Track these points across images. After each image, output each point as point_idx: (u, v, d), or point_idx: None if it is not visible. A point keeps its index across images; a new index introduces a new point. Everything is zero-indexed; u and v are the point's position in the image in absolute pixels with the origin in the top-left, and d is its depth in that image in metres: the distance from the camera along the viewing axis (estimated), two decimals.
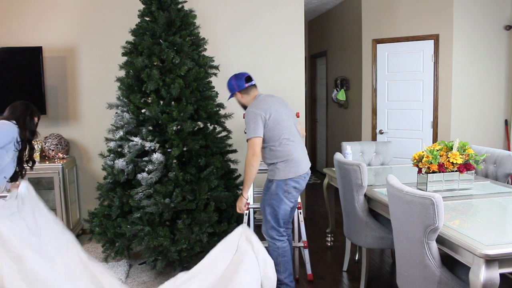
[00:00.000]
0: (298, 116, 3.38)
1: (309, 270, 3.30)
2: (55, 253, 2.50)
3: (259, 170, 2.98)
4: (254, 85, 2.97)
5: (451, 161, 2.77)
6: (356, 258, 3.62)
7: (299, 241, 3.35)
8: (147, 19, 3.42)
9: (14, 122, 2.75)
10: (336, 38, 6.26)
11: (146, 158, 3.25)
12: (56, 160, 4.02)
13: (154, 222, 3.19)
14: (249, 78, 2.94)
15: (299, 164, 2.82)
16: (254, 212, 3.39)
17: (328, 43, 6.63)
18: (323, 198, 3.86)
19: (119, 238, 3.25)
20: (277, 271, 2.83)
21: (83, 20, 4.20)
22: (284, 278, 2.88)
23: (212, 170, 3.33)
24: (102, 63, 4.20)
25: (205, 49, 3.62)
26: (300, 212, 3.32)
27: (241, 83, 2.91)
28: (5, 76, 3.96)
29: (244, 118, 2.92)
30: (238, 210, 2.93)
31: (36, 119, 2.89)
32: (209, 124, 3.57)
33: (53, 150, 4.04)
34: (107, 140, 3.51)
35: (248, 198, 2.94)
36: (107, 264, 3.37)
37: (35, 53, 3.96)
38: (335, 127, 6.45)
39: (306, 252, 3.31)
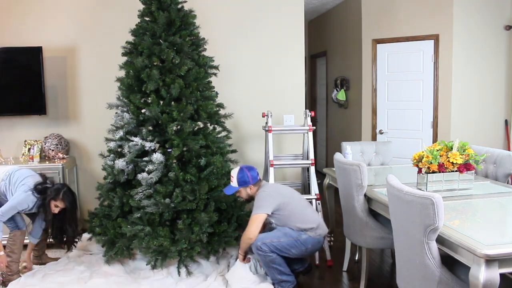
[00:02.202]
0: (313, 115, 3.81)
1: (328, 256, 3.50)
2: None
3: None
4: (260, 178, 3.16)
5: (451, 161, 2.77)
6: (356, 258, 3.62)
7: None
8: (147, 19, 3.42)
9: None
10: (336, 38, 6.26)
11: (146, 158, 3.25)
12: (56, 160, 4.01)
13: (154, 222, 3.19)
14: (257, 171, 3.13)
15: (325, 228, 3.09)
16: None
17: (328, 43, 6.63)
18: (323, 198, 3.86)
19: (119, 238, 3.25)
20: (272, 274, 2.97)
21: (83, 20, 4.20)
22: (281, 277, 2.96)
23: (212, 170, 3.33)
24: (102, 63, 4.20)
25: (205, 49, 3.62)
26: (319, 203, 3.55)
27: (255, 174, 3.07)
28: (5, 76, 3.96)
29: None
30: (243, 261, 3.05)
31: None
32: (209, 124, 3.57)
33: (53, 150, 4.04)
34: (107, 140, 3.51)
35: (247, 253, 3.09)
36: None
37: (35, 53, 3.96)
38: (335, 127, 6.45)
39: (325, 240, 3.47)
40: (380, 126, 5.21)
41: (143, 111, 3.30)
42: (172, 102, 3.34)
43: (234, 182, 3.07)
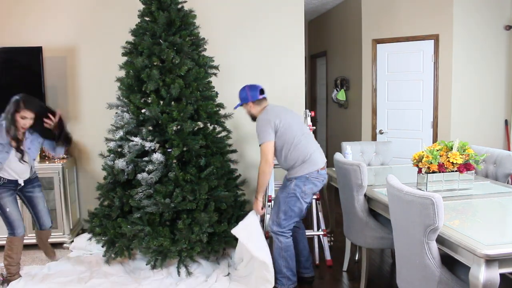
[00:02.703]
0: (313, 115, 3.78)
1: (328, 256, 3.52)
2: None
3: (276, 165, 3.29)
4: (265, 98, 3.12)
5: (451, 161, 2.77)
6: (356, 258, 3.62)
7: (318, 230, 3.60)
8: (147, 19, 3.42)
9: None
10: (336, 38, 6.26)
11: (146, 158, 3.25)
12: (56, 160, 4.01)
13: (154, 222, 3.19)
14: (262, 91, 3.09)
15: (317, 161, 2.99)
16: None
17: (328, 43, 6.63)
18: (323, 198, 3.86)
19: (119, 238, 3.25)
20: (279, 264, 3.00)
21: (83, 20, 4.20)
22: (286, 271, 3.00)
23: (212, 170, 3.33)
24: (102, 63, 4.20)
25: (205, 49, 3.62)
26: (319, 203, 3.60)
27: (255, 93, 3.06)
28: (5, 76, 3.96)
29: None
30: (257, 213, 3.09)
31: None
32: (209, 124, 3.57)
33: None
34: (107, 140, 3.51)
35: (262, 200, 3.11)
36: None
37: (35, 53, 3.96)
38: (335, 127, 6.45)
39: (325, 240, 3.56)
40: (380, 126, 5.22)
41: (143, 111, 3.30)
42: (172, 102, 3.34)
43: (238, 99, 3.14)
